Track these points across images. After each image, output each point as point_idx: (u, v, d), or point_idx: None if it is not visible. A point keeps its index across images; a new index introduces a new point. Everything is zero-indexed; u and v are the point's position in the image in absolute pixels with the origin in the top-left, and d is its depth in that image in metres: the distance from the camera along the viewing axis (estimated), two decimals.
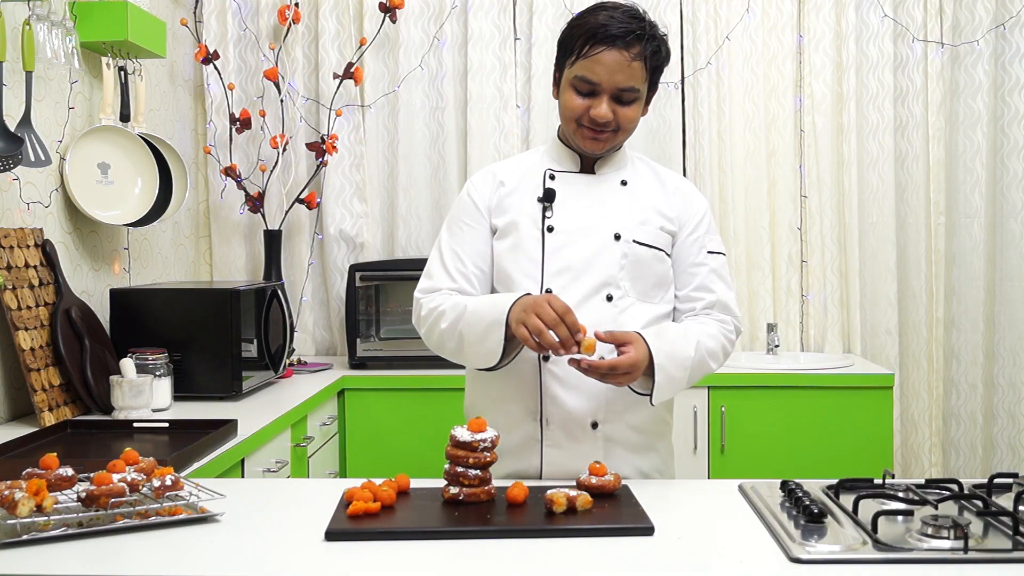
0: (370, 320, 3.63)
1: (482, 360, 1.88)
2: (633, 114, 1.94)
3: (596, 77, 1.88)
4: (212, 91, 3.81)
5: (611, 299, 1.93)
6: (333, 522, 1.50)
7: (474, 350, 1.88)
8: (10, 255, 2.52)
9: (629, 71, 1.88)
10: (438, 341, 1.96)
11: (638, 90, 1.92)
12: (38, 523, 1.45)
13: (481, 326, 1.85)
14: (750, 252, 3.89)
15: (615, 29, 1.87)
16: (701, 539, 1.49)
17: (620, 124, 1.93)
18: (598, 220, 1.96)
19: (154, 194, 3.02)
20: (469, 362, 1.94)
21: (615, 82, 1.89)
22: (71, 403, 2.58)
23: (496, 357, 1.84)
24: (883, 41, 3.84)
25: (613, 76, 1.88)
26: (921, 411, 3.88)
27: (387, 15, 3.77)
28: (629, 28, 1.88)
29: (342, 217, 3.87)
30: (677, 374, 1.86)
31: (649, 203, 2.00)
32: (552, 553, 1.41)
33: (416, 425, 3.41)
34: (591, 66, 1.88)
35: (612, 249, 1.94)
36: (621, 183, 2.01)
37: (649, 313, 1.96)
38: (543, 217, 1.97)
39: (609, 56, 1.87)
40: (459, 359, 1.96)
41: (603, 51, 1.87)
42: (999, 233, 3.81)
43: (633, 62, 1.88)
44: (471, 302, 1.91)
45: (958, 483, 1.69)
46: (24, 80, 2.44)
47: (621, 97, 1.91)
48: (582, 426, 1.92)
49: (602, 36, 1.87)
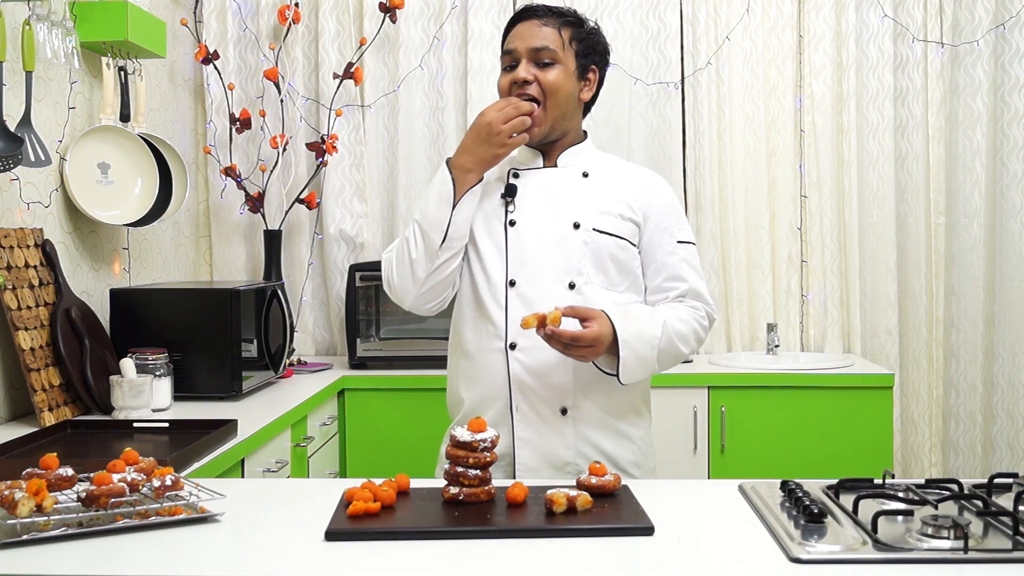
0: (370, 320, 3.63)
1: (441, 207, 1.95)
2: (555, 78, 2.00)
3: (512, 45, 2.02)
4: (212, 91, 3.81)
5: (574, 287, 1.97)
6: (333, 522, 1.50)
7: (430, 209, 1.96)
8: (10, 255, 2.52)
9: (540, 34, 2.01)
10: (405, 256, 1.98)
11: (553, 51, 2.00)
12: (38, 523, 1.45)
13: (429, 189, 1.99)
14: (750, 252, 3.89)
15: (525, 7, 2.07)
16: (701, 539, 1.49)
17: (544, 88, 1.99)
18: (558, 211, 2.01)
19: (154, 194, 3.02)
20: (433, 231, 1.95)
21: (529, 45, 2.00)
22: (71, 403, 2.58)
23: (450, 192, 1.94)
24: (883, 41, 3.84)
25: (526, 41, 2.00)
26: (921, 411, 3.88)
27: (387, 15, 3.77)
28: (539, 6, 2.05)
29: (342, 217, 3.87)
30: (644, 352, 1.90)
31: (611, 193, 2.04)
32: (552, 553, 1.41)
33: (416, 425, 3.41)
34: (508, 40, 2.04)
35: (572, 238, 1.99)
36: (583, 175, 2.06)
37: (614, 301, 1.98)
38: (506, 212, 2.02)
39: (523, 26, 2.03)
40: (428, 255, 1.96)
41: (518, 25, 2.04)
42: (999, 233, 3.81)
43: (544, 27, 2.01)
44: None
45: (958, 483, 1.69)
46: (24, 80, 2.44)
47: (538, 59, 2.00)
48: (552, 412, 1.97)
49: (518, 15, 2.06)
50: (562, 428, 1.97)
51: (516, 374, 1.96)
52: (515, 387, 1.97)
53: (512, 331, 1.97)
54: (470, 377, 2.03)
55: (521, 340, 1.96)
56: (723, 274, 3.87)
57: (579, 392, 1.97)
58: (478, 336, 2.01)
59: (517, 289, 1.98)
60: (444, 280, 2.00)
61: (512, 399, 1.97)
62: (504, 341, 1.97)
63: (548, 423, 1.97)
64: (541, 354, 1.94)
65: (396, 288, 2.03)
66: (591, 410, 1.98)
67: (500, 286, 1.99)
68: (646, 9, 3.85)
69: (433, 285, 1.99)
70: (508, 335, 1.97)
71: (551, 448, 1.97)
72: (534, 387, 1.96)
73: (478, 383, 2.01)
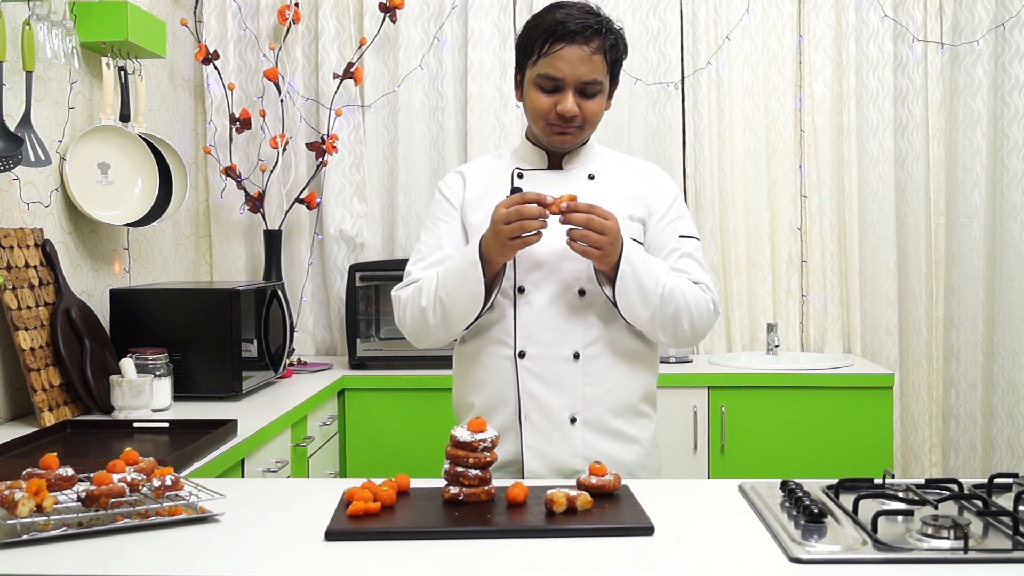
0: (370, 320, 3.63)
1: (469, 304, 1.91)
2: (597, 107, 1.97)
3: (559, 73, 1.92)
4: (212, 91, 3.81)
5: (584, 294, 1.96)
6: (333, 522, 1.49)
7: (459, 300, 1.91)
8: (10, 255, 2.52)
9: (591, 64, 1.92)
10: (422, 320, 1.97)
11: (600, 83, 1.96)
12: (38, 523, 1.45)
13: (459, 273, 1.91)
14: (750, 252, 3.89)
15: (573, 25, 1.92)
16: (701, 539, 1.49)
17: (586, 118, 1.97)
18: None
19: (154, 194, 3.02)
20: (458, 319, 1.94)
21: (578, 76, 1.92)
22: (71, 403, 2.58)
23: (481, 294, 1.88)
24: (883, 41, 3.84)
25: (575, 70, 1.92)
26: (921, 411, 3.88)
27: (387, 15, 3.77)
28: (587, 23, 1.93)
29: (342, 217, 3.87)
30: (646, 281, 1.89)
31: (618, 194, 2.02)
32: (552, 553, 1.41)
33: (416, 425, 3.41)
34: (553, 63, 1.92)
35: None
36: (588, 177, 2.04)
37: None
38: None
39: (570, 52, 1.91)
40: (448, 328, 1.97)
41: (563, 47, 1.92)
42: (999, 233, 3.81)
43: (594, 56, 1.93)
44: (442, 267, 1.96)
45: (958, 483, 1.69)
46: (24, 80, 2.45)
47: (585, 91, 1.95)
48: (560, 421, 1.96)
49: (561, 33, 1.92)
50: (571, 437, 1.96)
51: (525, 383, 1.96)
52: (524, 395, 1.96)
53: (521, 339, 1.96)
54: (478, 383, 2.02)
55: (530, 349, 1.96)
56: (723, 274, 3.87)
57: (588, 400, 1.96)
58: (486, 343, 2.00)
59: (526, 296, 1.96)
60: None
61: (521, 407, 1.96)
62: (513, 349, 1.96)
63: (557, 431, 1.96)
64: (550, 363, 1.94)
65: (409, 336, 2.05)
66: (599, 418, 1.97)
67: (508, 293, 1.97)
68: (646, 9, 3.85)
69: (449, 340, 2.03)
70: (517, 344, 1.96)
71: (560, 457, 1.96)
72: (543, 396, 1.95)
73: (486, 389, 2.00)
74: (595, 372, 1.96)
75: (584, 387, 1.95)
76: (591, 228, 1.84)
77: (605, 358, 1.97)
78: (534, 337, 1.95)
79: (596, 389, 1.96)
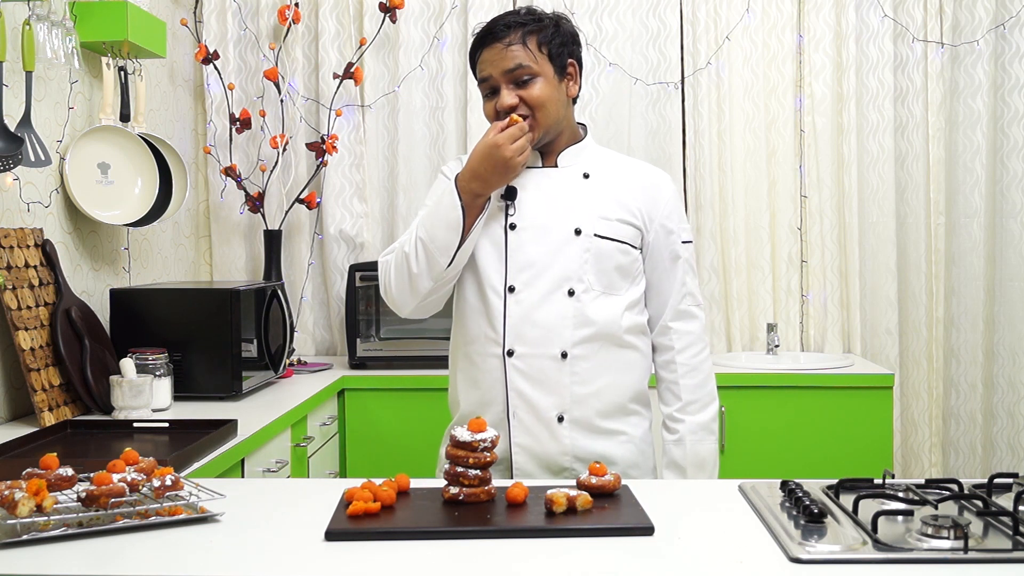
0: (370, 320, 3.63)
1: (448, 233, 1.93)
2: (540, 92, 1.98)
3: (485, 73, 2.01)
4: (212, 91, 3.81)
5: (573, 294, 1.97)
6: (333, 522, 1.49)
7: (438, 233, 1.93)
8: (10, 255, 2.52)
9: (509, 53, 1.97)
10: (406, 269, 1.98)
11: (527, 67, 1.98)
12: (38, 523, 1.45)
13: (435, 207, 1.96)
14: (750, 252, 3.89)
15: (484, 30, 2.01)
16: (701, 539, 1.49)
17: (531, 104, 1.98)
18: (559, 215, 2.00)
19: (154, 194, 3.02)
20: (439, 253, 1.94)
21: (501, 68, 1.98)
22: (71, 403, 2.58)
23: (459, 220, 1.91)
24: (883, 41, 3.84)
25: (497, 65, 1.98)
26: (921, 411, 3.88)
27: (387, 15, 3.77)
28: (502, 22, 2.00)
29: (342, 217, 3.87)
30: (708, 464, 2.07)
31: (613, 195, 2.02)
32: (552, 553, 1.41)
33: (416, 425, 3.41)
34: (480, 67, 2.02)
35: (573, 244, 1.98)
36: (583, 176, 2.05)
37: (613, 306, 1.99)
38: (506, 215, 2.01)
39: (489, 51, 2.00)
40: (431, 270, 1.96)
41: (483, 50, 2.01)
42: (999, 233, 3.81)
43: (512, 46, 1.97)
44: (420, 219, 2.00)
45: (958, 483, 1.69)
46: (24, 80, 2.44)
47: (516, 80, 1.98)
48: (548, 419, 1.97)
49: (479, 39, 2.02)
50: (559, 435, 1.97)
51: (513, 381, 1.97)
52: (512, 393, 1.97)
53: (510, 338, 1.97)
54: (469, 380, 2.04)
55: (519, 347, 1.96)
56: (723, 274, 3.87)
57: (575, 400, 1.97)
58: (476, 340, 2.01)
59: (516, 295, 1.97)
60: (445, 291, 2.01)
61: (509, 405, 1.98)
62: (502, 347, 1.98)
63: (545, 429, 1.97)
64: (538, 362, 1.95)
65: (394, 297, 2.03)
66: (587, 417, 1.98)
67: (499, 291, 1.98)
68: (646, 9, 3.84)
69: (434, 297, 2.01)
70: (506, 342, 1.97)
71: (548, 454, 1.98)
72: (531, 394, 1.97)
73: (476, 387, 2.02)
74: (583, 371, 1.97)
75: (572, 386, 1.96)
76: None
77: (594, 358, 1.98)
78: (523, 336, 1.96)
79: (584, 388, 1.97)
